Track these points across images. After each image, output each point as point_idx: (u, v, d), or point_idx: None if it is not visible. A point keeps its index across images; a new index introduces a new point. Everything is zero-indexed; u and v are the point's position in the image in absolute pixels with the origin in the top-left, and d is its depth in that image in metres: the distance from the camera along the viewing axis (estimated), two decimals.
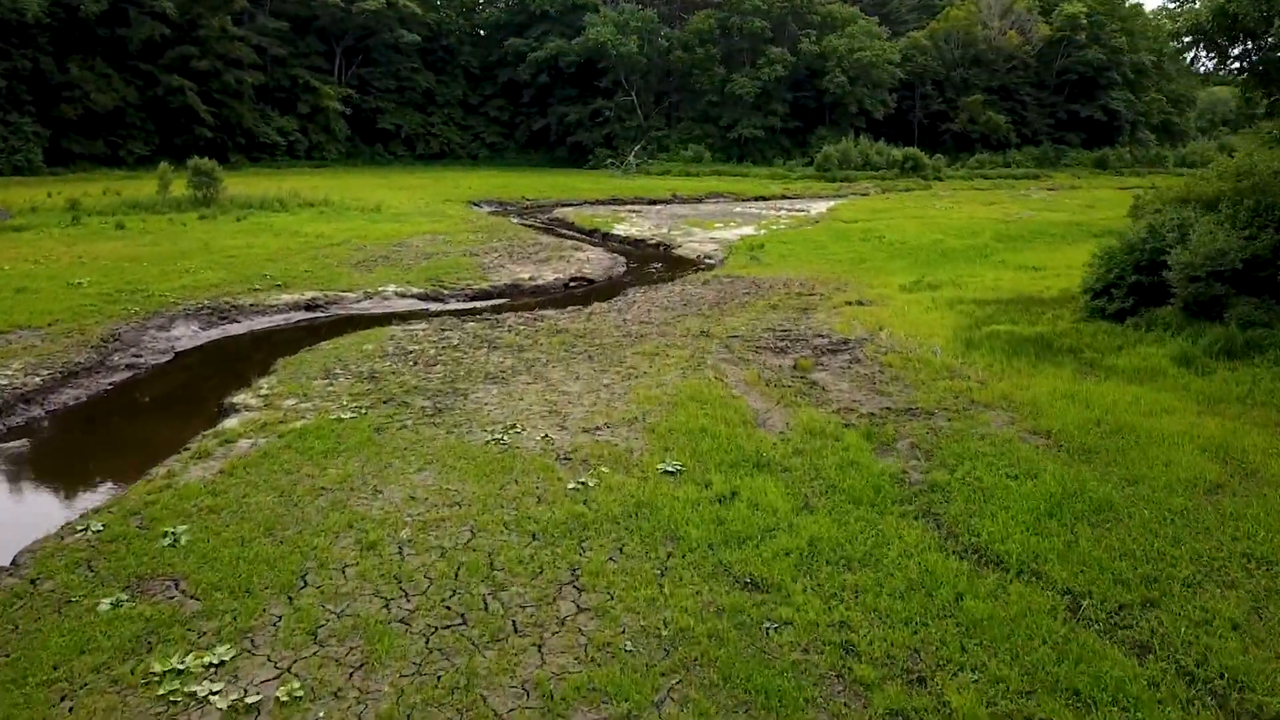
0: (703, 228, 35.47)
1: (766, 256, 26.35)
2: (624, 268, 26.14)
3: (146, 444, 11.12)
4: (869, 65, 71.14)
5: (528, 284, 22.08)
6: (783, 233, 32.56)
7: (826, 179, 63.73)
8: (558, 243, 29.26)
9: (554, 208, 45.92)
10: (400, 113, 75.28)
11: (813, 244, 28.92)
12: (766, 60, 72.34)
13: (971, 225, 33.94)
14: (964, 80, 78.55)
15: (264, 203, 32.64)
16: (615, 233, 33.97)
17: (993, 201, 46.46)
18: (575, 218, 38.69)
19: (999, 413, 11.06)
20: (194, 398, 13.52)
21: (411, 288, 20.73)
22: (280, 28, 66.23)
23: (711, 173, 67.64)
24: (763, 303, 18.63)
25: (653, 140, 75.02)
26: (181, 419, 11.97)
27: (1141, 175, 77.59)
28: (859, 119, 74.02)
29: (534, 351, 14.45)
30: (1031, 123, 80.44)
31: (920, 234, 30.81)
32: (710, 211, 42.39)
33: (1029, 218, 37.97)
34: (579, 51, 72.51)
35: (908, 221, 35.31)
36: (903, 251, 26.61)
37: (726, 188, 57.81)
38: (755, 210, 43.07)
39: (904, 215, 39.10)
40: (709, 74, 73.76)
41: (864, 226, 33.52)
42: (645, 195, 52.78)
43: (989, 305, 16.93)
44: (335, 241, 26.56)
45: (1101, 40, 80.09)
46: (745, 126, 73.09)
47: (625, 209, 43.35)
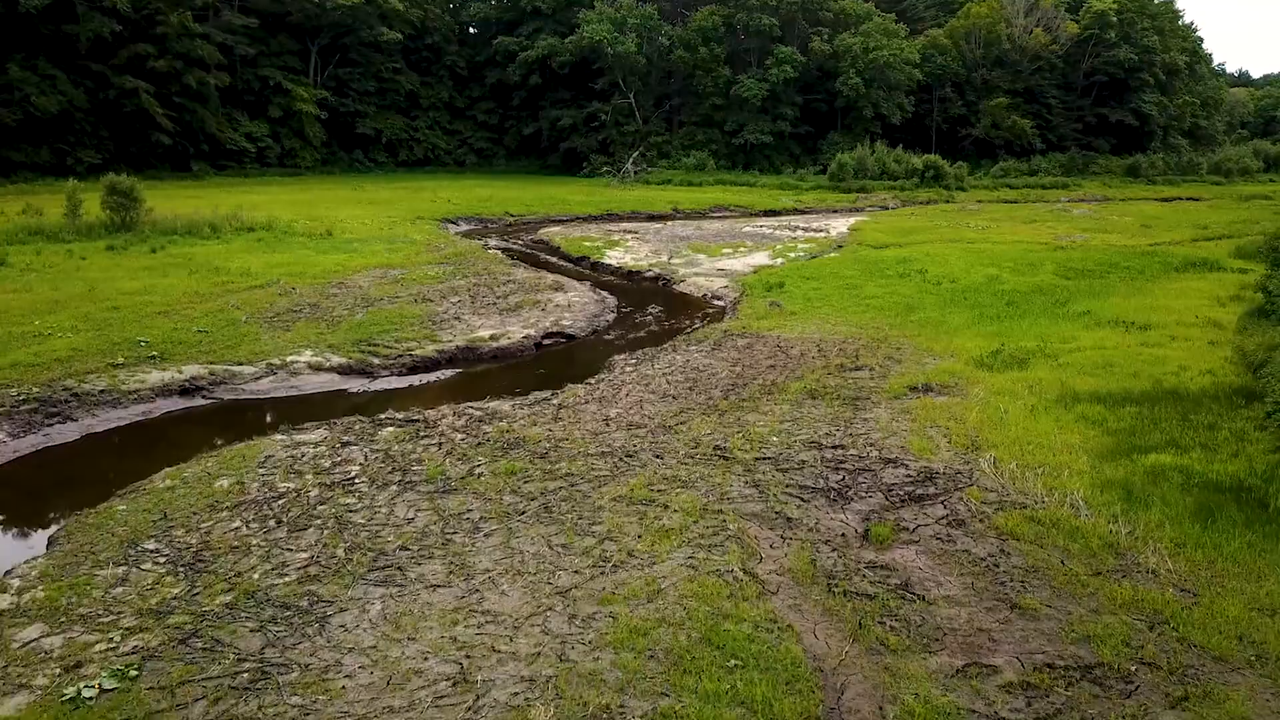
0: (708, 254, 30.71)
1: (789, 300, 21.58)
2: (613, 314, 21.38)
3: None
4: (885, 66, 66.38)
5: (487, 346, 17.28)
6: (802, 264, 27.77)
7: (841, 189, 58.96)
8: (535, 278, 24.47)
9: (540, 225, 41.21)
10: (381, 116, 70.57)
11: (842, 281, 24.14)
12: (775, 60, 67.58)
13: (1023, 253, 29.18)
14: (986, 82, 73.75)
15: (193, 227, 27.86)
16: (606, 261, 29.20)
17: (1033, 219, 41.66)
18: (562, 240, 33.92)
19: (1245, 674, 6.31)
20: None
21: (333, 356, 15.94)
22: (249, 25, 61.45)
23: (715, 182, 62.90)
24: (796, 385, 13.84)
25: (652, 146, 70.27)
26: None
27: (1175, 184, 73.08)
28: (874, 124, 69.22)
29: (464, 495, 9.68)
30: (1057, 127, 75.62)
31: (968, 267, 26.04)
32: (716, 231, 37.62)
33: (1083, 241, 33.22)
34: (573, 50, 67.79)
35: (947, 248, 30.52)
36: (956, 295, 21.81)
37: (732, 200, 53.05)
38: (766, 229, 38.29)
39: (939, 238, 34.33)
40: (713, 75, 69.02)
41: (898, 255, 28.75)
42: (643, 209, 48.07)
43: (1120, 405, 12.13)
44: (260, 282, 21.78)
45: (1132, 39, 75.28)
46: (752, 132, 68.32)
47: (620, 228, 38.57)
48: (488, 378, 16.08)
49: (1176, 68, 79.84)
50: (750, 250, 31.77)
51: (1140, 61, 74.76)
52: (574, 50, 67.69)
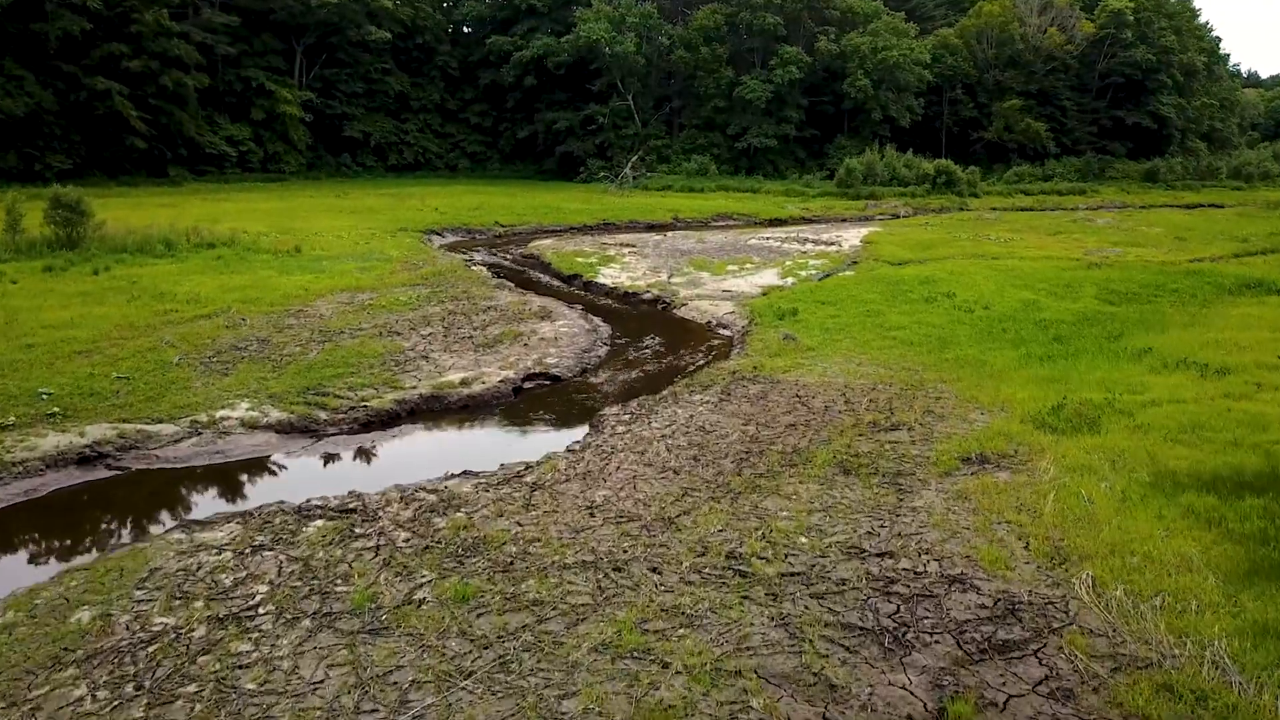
0: (712, 271, 28.38)
1: (804, 331, 19.22)
2: (606, 346, 19.02)
3: None
4: (895, 66, 64.07)
5: (457, 393, 14.91)
6: (815, 285, 25.38)
7: (849, 196, 56.65)
8: (520, 303, 22.11)
9: (532, 237, 38.91)
10: (370, 119, 68.33)
11: (862, 307, 21.79)
12: (779, 61, 65.30)
13: (1057, 272, 26.82)
14: (998, 84, 71.46)
15: (145, 244, 25.50)
16: (600, 281, 26.86)
17: (1058, 230, 39.30)
18: (553, 255, 31.58)
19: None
20: None
21: (272, 409, 13.57)
22: (230, 23, 59.19)
23: (718, 188, 60.60)
24: (823, 453, 11.48)
25: (652, 150, 67.99)
26: None
27: (1195, 189, 70.84)
28: (883, 127, 66.93)
29: (396, 639, 7.30)
30: (1072, 131, 73.35)
31: (1000, 289, 23.69)
32: (719, 244, 35.26)
33: (1117, 257, 30.89)
34: (569, 50, 65.49)
35: (971, 266, 28.17)
36: (992, 325, 19.48)
37: (736, 208, 50.74)
38: (773, 242, 35.92)
39: (960, 252, 32.01)
40: (715, 76, 66.73)
41: (919, 274, 26.37)
42: (642, 219, 45.83)
43: (1236, 494, 9.74)
44: (208, 310, 19.44)
45: (1149, 39, 73.07)
46: (755, 135, 66.03)
47: (617, 240, 36.21)
48: (452, 436, 13.74)
49: (1194, 68, 77.57)
50: (757, 268, 29.42)
51: (1158, 62, 72.54)
52: (570, 50, 65.41)
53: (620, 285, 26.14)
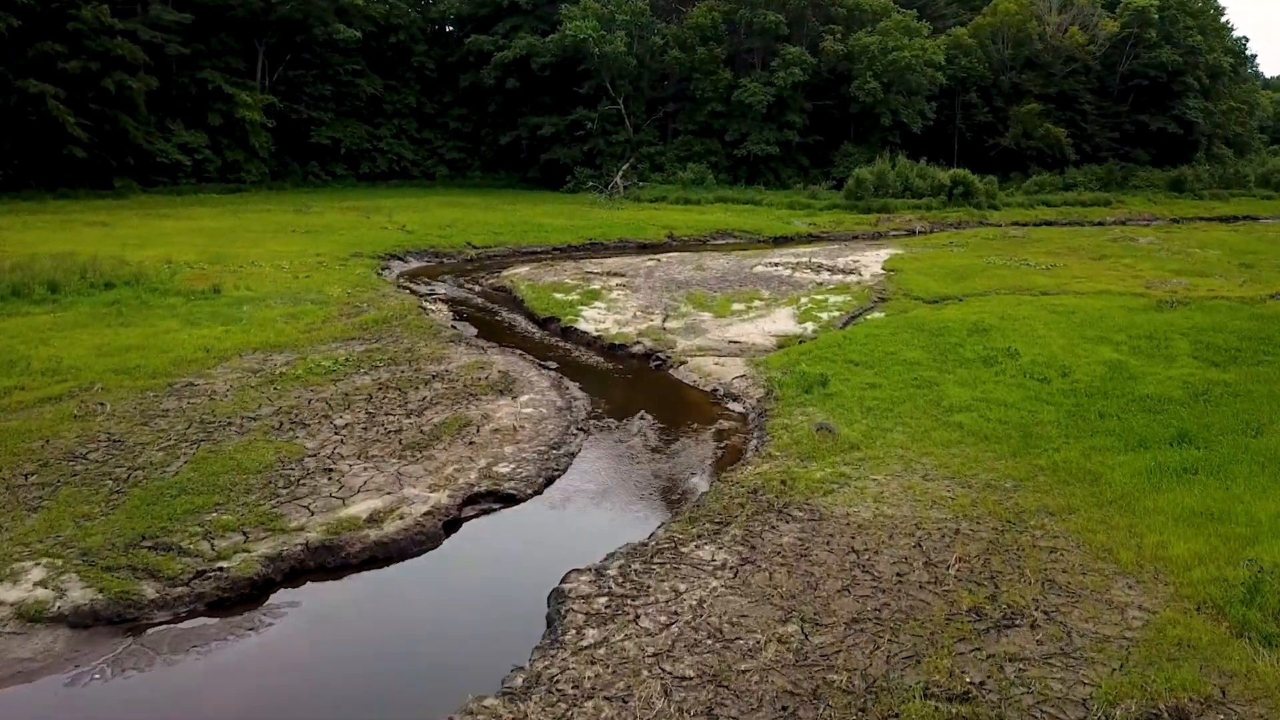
0: (715, 312, 24.08)
1: (840, 414, 14.88)
2: (580, 435, 14.69)
3: None
4: (906, 68, 59.86)
5: (361, 537, 10.48)
6: (842, 335, 20.98)
7: (859, 209, 52.43)
8: (477, 366, 17.74)
9: (507, 261, 34.69)
10: (339, 124, 63.88)
11: (907, 371, 17.50)
12: (782, 62, 61.05)
13: (1128, 315, 22.58)
14: (1015, 86, 67.34)
15: (22, 286, 20.90)
16: (582, 326, 22.49)
17: (1103, 254, 35.03)
18: (528, 289, 27.22)
19: None
20: None
21: (74, 584, 9.14)
22: (182, 20, 54.66)
23: (715, 200, 56.31)
24: (912, 681, 7.17)
25: (644, 158, 63.68)
26: None
27: (1223, 199, 66.88)
28: (893, 133, 62.73)
29: None
30: (1092, 136, 69.23)
31: (1072, 345, 19.40)
32: (720, 272, 30.95)
33: (1187, 291, 26.67)
34: (554, 50, 61.12)
35: (1023, 306, 23.88)
36: (1081, 404, 15.22)
37: (737, 223, 46.47)
38: (783, 268, 31.61)
39: (1002, 284, 27.80)
40: (712, 78, 62.43)
41: (964, 318, 22.07)
42: (633, 237, 41.60)
43: None
44: (62, 388, 15.01)
45: (1174, 39, 69.01)
46: (756, 142, 61.75)
47: (604, 268, 31.82)
48: (335, 632, 9.39)
49: (1221, 70, 73.53)
50: (767, 306, 25.10)
51: (1184, 63, 68.49)
52: (555, 50, 61.04)
53: (605, 333, 21.77)
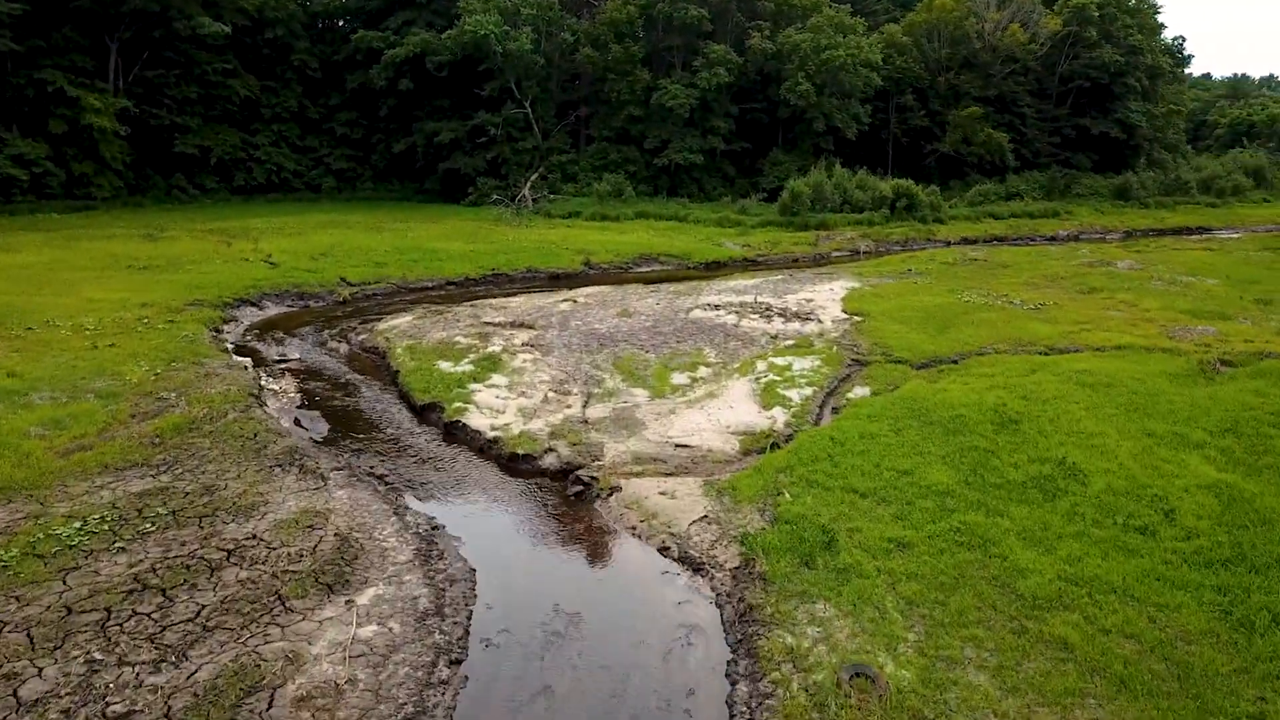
0: (650, 388, 18.54)
1: (872, 626, 9.46)
2: (452, 669, 8.99)
3: None
4: (840, 68, 55.19)
5: None
6: (829, 439, 15.51)
7: (795, 226, 47.49)
8: (302, 525, 11.81)
9: (389, 304, 28.72)
10: (209, 131, 56.64)
11: (939, 509, 12.20)
12: (705, 62, 55.88)
13: (1177, 390, 17.73)
14: (952, 88, 63.34)
15: None
16: (473, 421, 16.62)
17: (1091, 287, 30.40)
18: (406, 355, 21.22)
19: None
20: None
21: None
22: (13, 11, 46.99)
23: (636, 215, 50.85)
24: None
25: (555, 167, 57.85)
26: None
27: (1170, 207, 63.96)
28: (826, 139, 58.06)
29: None
30: (1032, 141, 65.68)
31: (1141, 448, 14.38)
32: (652, 318, 25.39)
33: (1219, 341, 22.11)
34: (452, 48, 54.91)
35: (1043, 377, 18.83)
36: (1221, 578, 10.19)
37: (662, 245, 41.04)
38: (725, 312, 26.20)
39: (996, 335, 22.88)
40: (629, 79, 56.91)
41: (977, 400, 16.86)
42: (543, 265, 35.90)
43: None
44: None
45: (1114, 38, 65.92)
46: (678, 150, 56.44)
47: (507, 313, 25.95)
48: None
49: (1160, 70, 70.85)
50: (716, 375, 19.65)
51: (1126, 64, 65.40)
52: (454, 48, 54.83)
53: (505, 432, 15.99)
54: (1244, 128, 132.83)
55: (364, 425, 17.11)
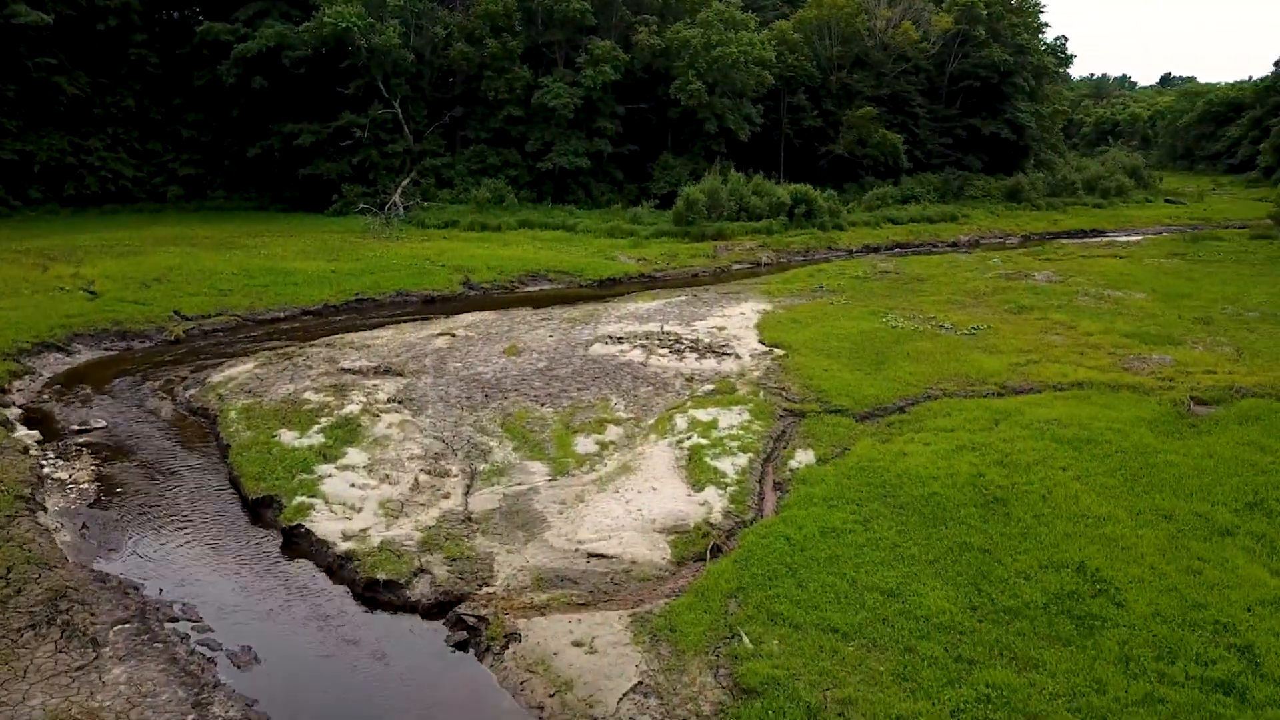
0: (551, 461, 15.17)
1: None
2: None
3: None
4: (731, 66, 52.51)
5: None
6: (784, 540, 12.20)
7: (691, 235, 44.56)
8: None
9: (229, 343, 24.50)
10: (30, 135, 50.29)
11: (949, 658, 9.24)
12: (589, 58, 52.46)
13: (1170, 447, 15.34)
14: (845, 87, 61.53)
15: None
16: (320, 525, 12.82)
17: (1021, 305, 28.10)
18: (241, 420, 17.16)
19: None
20: None
21: None
22: None
23: (519, 224, 47.14)
24: None
25: (429, 172, 53.57)
26: None
27: (1059, 209, 63.72)
28: (718, 141, 55.34)
29: None
30: (925, 142, 64.48)
31: (1167, 539, 11.83)
32: (547, 356, 21.88)
33: (1179, 373, 19.95)
34: (311, 41, 50.03)
35: (1013, 431, 16.20)
36: None
37: (550, 260, 37.51)
38: (630, 346, 22.87)
39: (936, 370, 20.26)
40: (507, 77, 53.02)
41: (947, 471, 14.02)
42: (415, 288, 32.13)
43: None
44: None
45: (1001, 37, 65.28)
46: (562, 153, 52.86)
47: (371, 354, 22.01)
48: None
49: (1045, 70, 70.75)
50: (630, 436, 16.36)
51: (1014, 64, 64.80)
52: (312, 41, 49.94)
53: (362, 542, 12.28)
54: (1108, 126, 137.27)
55: (175, 534, 13.15)
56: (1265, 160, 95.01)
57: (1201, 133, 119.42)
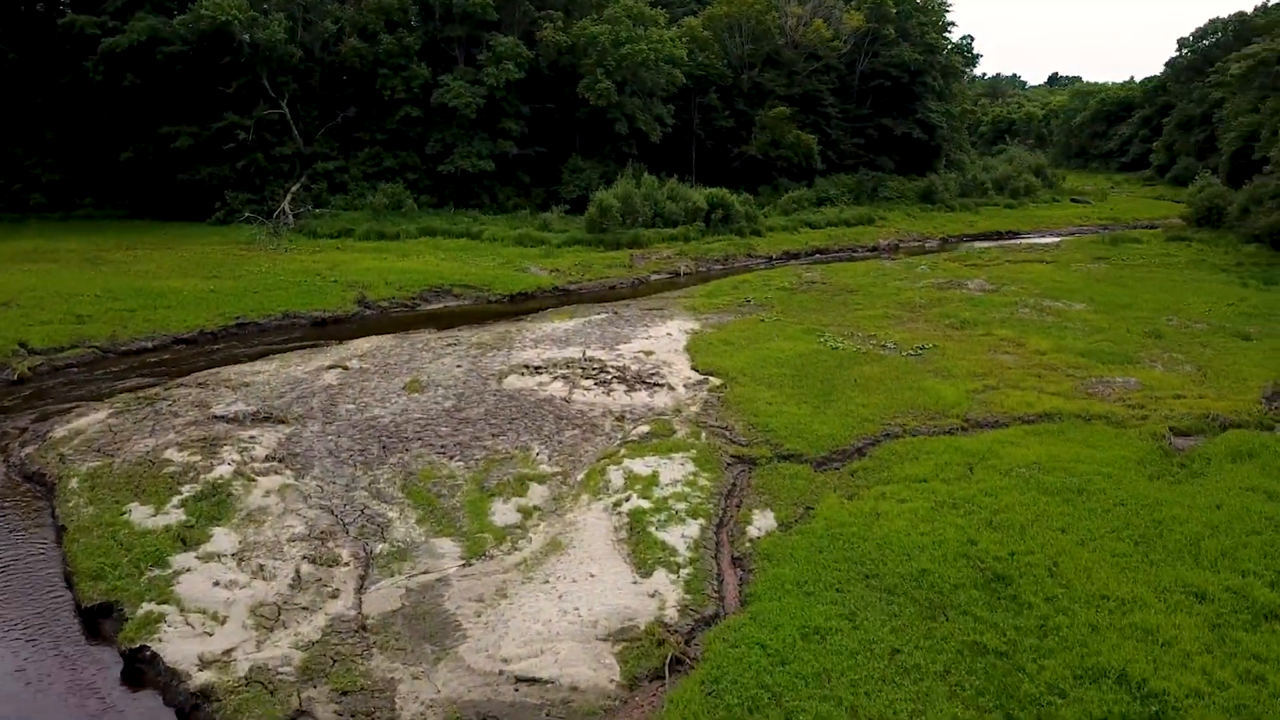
0: (463, 537, 12.83)
1: None
2: None
3: None
4: (642, 64, 50.31)
5: None
6: (760, 651, 10.06)
7: (606, 243, 42.24)
8: None
9: (84, 381, 21.38)
10: None
11: None
12: (492, 55, 49.63)
13: (1167, 497, 13.70)
14: (757, 86, 59.88)
15: None
16: (170, 649, 10.08)
17: (962, 320, 26.51)
18: (85, 490, 14.18)
19: None
20: None
21: None
22: None
23: (420, 232, 44.18)
24: None
25: (320, 176, 50.04)
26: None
27: (973, 210, 63.37)
28: (629, 142, 53.04)
29: None
30: (838, 143, 63.32)
31: (1206, 629, 10.00)
32: (455, 392, 19.30)
33: (1148, 399, 18.51)
34: (188, 35, 46.07)
35: (994, 480, 14.41)
36: None
37: (455, 273, 34.82)
38: (550, 377, 20.44)
39: (890, 401, 18.43)
40: (404, 75, 49.83)
41: (933, 536, 12.19)
42: (305, 308, 29.13)
43: None
44: None
45: (911, 36, 64.57)
46: (465, 155, 49.91)
47: (249, 395, 19.08)
48: None
49: (953, 69, 70.41)
50: (557, 500, 14.01)
51: (924, 63, 64.14)
52: (189, 35, 45.97)
53: (225, 672, 9.63)
54: (1005, 125, 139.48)
55: None
56: (1159, 159, 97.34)
57: (1095, 131, 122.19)
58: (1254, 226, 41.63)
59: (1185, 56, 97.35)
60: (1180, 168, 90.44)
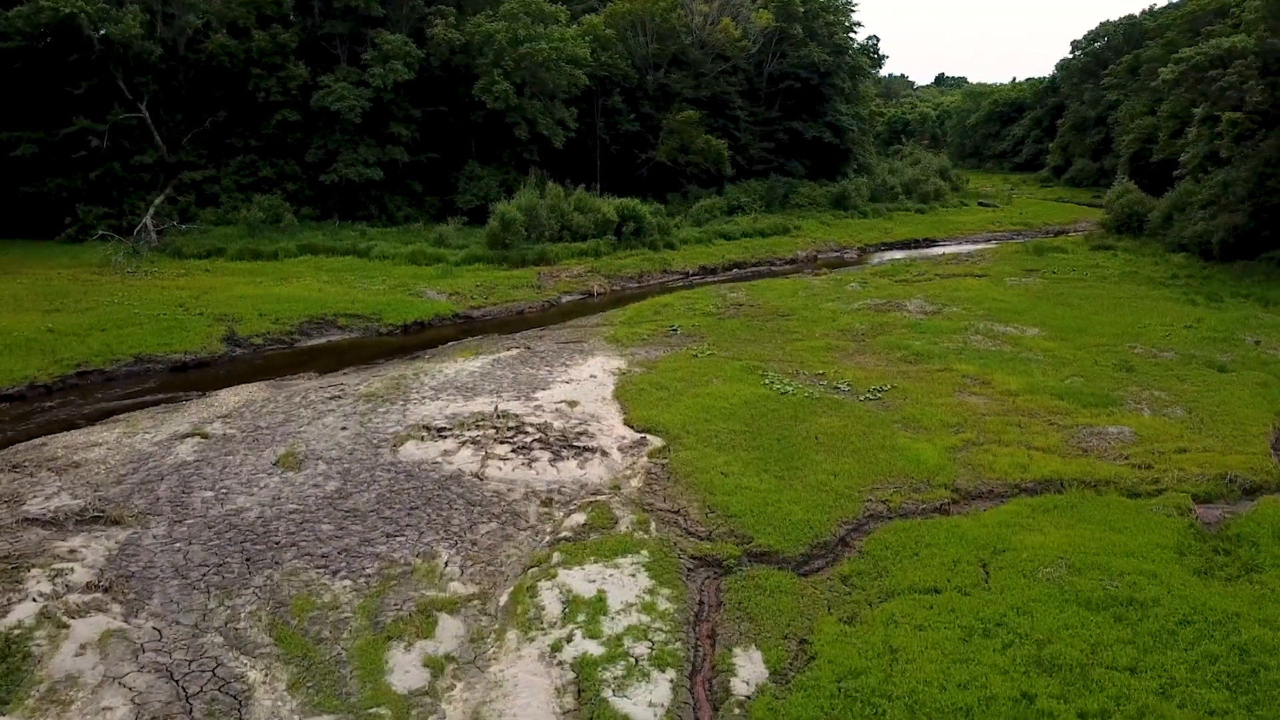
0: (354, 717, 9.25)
1: None
2: None
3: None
4: (542, 65, 46.93)
5: None
6: None
7: (510, 260, 38.79)
8: None
9: None
10: None
11: None
12: (378, 54, 45.55)
13: (1224, 604, 11.27)
14: (663, 88, 57.03)
15: None
16: None
17: (917, 354, 23.99)
18: None
19: None
20: None
21: None
22: None
23: (300, 248, 40.04)
24: None
25: (188, 188, 45.24)
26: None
27: (885, 215, 61.93)
28: (530, 149, 49.54)
29: None
30: (747, 147, 60.91)
31: None
32: (339, 468, 15.83)
33: (1136, 449, 16.35)
34: (25, 29, 40.87)
35: (1020, 583, 11.87)
36: None
37: (341, 300, 31.05)
38: (456, 442, 17.09)
39: (862, 464, 15.82)
40: (280, 75, 45.39)
41: (965, 670, 9.59)
42: (162, 350, 25.11)
43: None
44: None
45: (819, 36, 62.71)
46: (350, 163, 45.74)
47: (75, 481, 15.24)
48: None
49: (860, 70, 68.92)
50: (476, 642, 10.93)
51: (833, 64, 62.33)
52: (28, 29, 40.79)
53: None
54: (900, 126, 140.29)
55: None
56: (1054, 160, 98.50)
57: (988, 132, 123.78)
58: (1180, 236, 40.66)
59: (1078, 58, 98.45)
60: (1076, 169, 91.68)
